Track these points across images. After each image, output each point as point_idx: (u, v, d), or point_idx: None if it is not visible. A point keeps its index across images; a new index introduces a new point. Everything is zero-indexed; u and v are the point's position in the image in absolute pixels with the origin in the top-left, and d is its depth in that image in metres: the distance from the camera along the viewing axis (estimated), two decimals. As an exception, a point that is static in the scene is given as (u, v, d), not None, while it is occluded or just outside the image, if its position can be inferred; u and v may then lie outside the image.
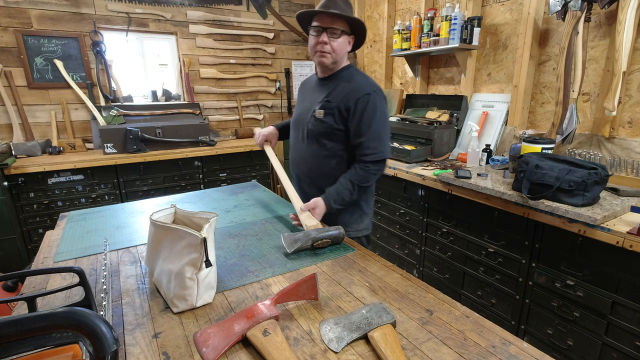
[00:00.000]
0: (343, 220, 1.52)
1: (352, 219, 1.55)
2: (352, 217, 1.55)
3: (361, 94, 1.38)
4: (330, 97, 1.43)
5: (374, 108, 1.38)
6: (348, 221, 1.53)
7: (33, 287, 1.03)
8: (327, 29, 1.36)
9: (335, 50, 1.39)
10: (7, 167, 2.56)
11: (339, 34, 1.37)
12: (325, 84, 1.49)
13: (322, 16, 1.36)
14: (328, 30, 1.36)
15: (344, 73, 1.47)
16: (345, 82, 1.43)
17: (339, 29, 1.36)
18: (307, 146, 1.52)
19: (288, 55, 4.17)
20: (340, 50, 1.40)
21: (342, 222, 1.51)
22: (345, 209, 1.50)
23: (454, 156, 2.60)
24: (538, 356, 0.73)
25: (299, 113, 1.59)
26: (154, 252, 0.97)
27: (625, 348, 1.41)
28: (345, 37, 1.40)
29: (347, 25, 1.39)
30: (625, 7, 1.68)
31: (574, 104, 1.96)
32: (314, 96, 1.52)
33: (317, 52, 1.40)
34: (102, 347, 0.44)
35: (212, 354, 0.74)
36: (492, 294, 1.95)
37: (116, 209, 1.69)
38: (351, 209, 1.53)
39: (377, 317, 0.80)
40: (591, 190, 1.47)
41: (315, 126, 1.46)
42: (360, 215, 1.57)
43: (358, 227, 1.57)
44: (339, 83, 1.45)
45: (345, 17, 1.36)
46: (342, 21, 1.37)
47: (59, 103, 3.14)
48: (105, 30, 3.26)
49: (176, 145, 3.21)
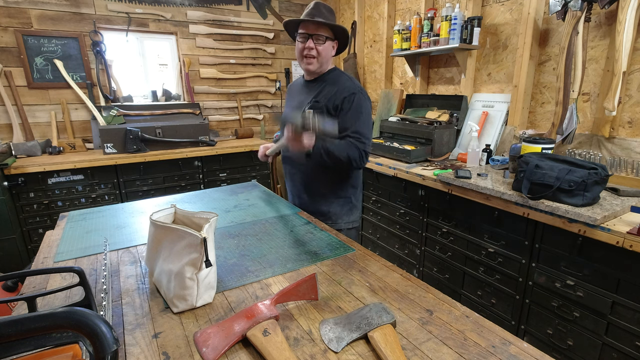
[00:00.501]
0: (335, 212, 1.64)
1: (343, 211, 1.66)
2: (343, 210, 1.66)
3: (347, 93, 1.49)
4: (318, 97, 1.54)
5: (359, 106, 1.49)
6: (339, 213, 1.65)
7: (33, 287, 1.03)
8: (312, 35, 1.48)
9: (321, 54, 1.51)
10: (7, 167, 2.56)
11: (323, 40, 1.49)
12: (313, 85, 1.60)
13: (307, 24, 1.49)
14: (314, 37, 1.48)
15: (330, 75, 1.58)
16: (332, 83, 1.55)
17: (323, 35, 1.49)
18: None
19: (288, 55, 4.17)
20: (325, 54, 1.52)
21: (334, 214, 1.64)
22: (336, 202, 1.63)
23: (454, 156, 2.60)
24: (538, 356, 0.73)
25: (287, 113, 1.70)
26: (154, 252, 0.97)
27: (625, 348, 1.41)
28: (329, 43, 1.53)
29: (330, 32, 1.51)
30: (625, 7, 1.68)
31: (574, 104, 1.96)
32: (302, 97, 1.63)
33: (304, 58, 1.52)
34: (102, 347, 0.44)
35: (212, 354, 0.74)
36: (492, 294, 1.95)
37: (116, 209, 1.69)
38: (342, 201, 1.64)
39: (377, 317, 0.80)
40: (591, 190, 1.47)
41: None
42: (350, 208, 1.68)
43: (349, 219, 1.69)
44: (326, 84, 1.56)
45: (328, 25, 1.48)
46: (325, 28, 1.49)
47: (59, 103, 3.14)
48: (105, 30, 3.26)
49: (176, 145, 3.21)
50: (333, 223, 1.64)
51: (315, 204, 1.65)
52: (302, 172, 1.65)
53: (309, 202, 1.67)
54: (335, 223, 1.65)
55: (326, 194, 1.64)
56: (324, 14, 1.48)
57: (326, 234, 1.37)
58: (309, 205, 1.66)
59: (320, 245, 1.27)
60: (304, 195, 1.69)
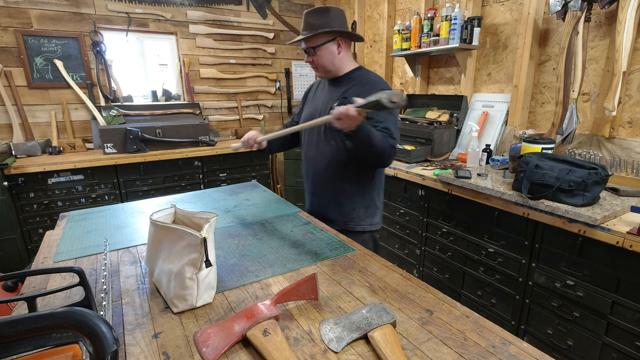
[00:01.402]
0: (358, 214, 1.58)
1: (367, 213, 1.59)
2: (367, 212, 1.59)
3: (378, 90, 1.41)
4: (347, 95, 1.48)
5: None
6: (363, 216, 1.58)
7: (33, 287, 1.03)
8: (307, 49, 1.49)
9: (322, 63, 1.49)
10: (7, 167, 2.56)
11: (313, 52, 1.48)
12: (338, 84, 1.55)
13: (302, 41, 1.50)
14: (309, 51, 1.49)
15: (356, 74, 1.53)
16: (361, 81, 1.50)
17: (313, 47, 1.46)
18: (324, 144, 1.55)
19: (288, 55, 4.17)
20: (327, 60, 1.49)
21: (358, 216, 1.57)
22: (360, 204, 1.57)
23: (454, 156, 2.60)
24: (538, 356, 0.73)
25: (312, 111, 1.61)
26: (154, 252, 0.97)
27: (625, 348, 1.41)
28: (326, 47, 1.47)
29: (326, 36, 1.46)
30: (625, 7, 1.68)
31: (574, 104, 1.96)
32: (326, 96, 1.57)
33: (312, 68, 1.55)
34: (102, 347, 0.44)
35: (212, 354, 0.74)
36: (492, 294, 1.95)
37: (116, 209, 1.69)
38: (366, 202, 1.58)
39: (377, 317, 0.80)
40: (591, 190, 1.47)
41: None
42: (374, 210, 1.62)
43: (372, 222, 1.62)
44: (353, 83, 1.51)
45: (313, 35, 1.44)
46: (317, 36, 1.45)
47: (59, 103, 3.14)
48: (105, 30, 3.26)
49: (176, 145, 3.21)
50: (355, 225, 1.58)
51: (336, 205, 1.58)
52: (325, 170, 1.57)
53: (331, 203, 1.59)
54: (357, 225, 1.58)
55: (350, 195, 1.56)
56: (311, 23, 1.45)
57: (326, 234, 1.37)
58: (330, 206, 1.59)
59: (320, 245, 1.27)
60: (324, 194, 1.61)
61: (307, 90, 1.75)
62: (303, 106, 1.74)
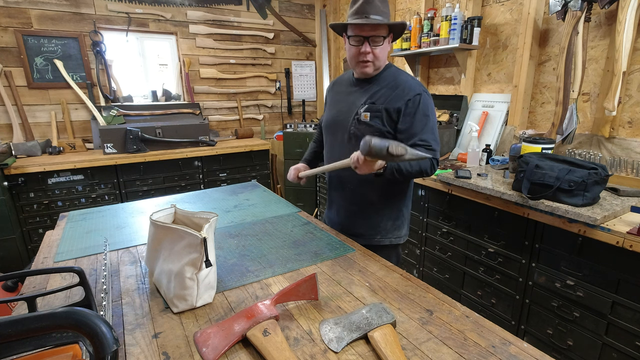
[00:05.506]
0: (385, 227, 1.46)
1: (394, 225, 1.48)
2: (395, 224, 1.48)
3: (412, 94, 1.30)
4: (374, 99, 1.34)
5: (425, 108, 1.31)
6: (390, 228, 1.47)
7: (33, 287, 1.03)
8: (368, 37, 1.27)
9: (379, 58, 1.31)
10: (7, 167, 2.56)
11: (381, 41, 1.27)
12: (366, 85, 1.40)
13: (362, 25, 1.26)
14: (370, 39, 1.27)
15: (385, 73, 1.38)
16: (390, 82, 1.35)
17: (381, 36, 1.26)
18: (351, 149, 1.34)
19: (288, 55, 4.17)
20: (383, 55, 1.32)
21: (385, 229, 1.45)
22: (388, 216, 1.45)
23: (454, 156, 2.60)
24: (538, 356, 0.73)
25: (335, 115, 1.47)
26: (154, 252, 0.97)
27: (625, 348, 1.41)
28: (387, 41, 1.31)
29: (387, 28, 1.30)
30: (625, 7, 1.68)
31: (574, 104, 1.96)
32: (352, 97, 1.42)
33: (360, 62, 1.32)
34: (102, 347, 0.44)
35: (212, 354, 0.74)
36: (492, 294, 1.95)
37: (116, 209, 1.69)
38: (394, 215, 1.47)
39: (377, 317, 0.80)
40: (591, 190, 1.47)
41: (360, 129, 1.35)
42: (402, 221, 1.51)
43: (400, 234, 1.51)
44: (382, 84, 1.36)
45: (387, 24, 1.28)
46: (383, 27, 1.27)
47: (59, 103, 3.14)
48: (105, 30, 3.26)
49: (176, 145, 3.21)
50: (382, 238, 1.47)
51: (363, 218, 1.46)
52: (351, 181, 1.44)
53: (357, 215, 1.47)
54: (384, 238, 1.47)
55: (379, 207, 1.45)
56: (378, 8, 1.24)
57: (326, 234, 1.37)
58: (356, 218, 1.47)
59: (320, 245, 1.27)
60: (350, 206, 1.48)
61: (329, 88, 1.59)
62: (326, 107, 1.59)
